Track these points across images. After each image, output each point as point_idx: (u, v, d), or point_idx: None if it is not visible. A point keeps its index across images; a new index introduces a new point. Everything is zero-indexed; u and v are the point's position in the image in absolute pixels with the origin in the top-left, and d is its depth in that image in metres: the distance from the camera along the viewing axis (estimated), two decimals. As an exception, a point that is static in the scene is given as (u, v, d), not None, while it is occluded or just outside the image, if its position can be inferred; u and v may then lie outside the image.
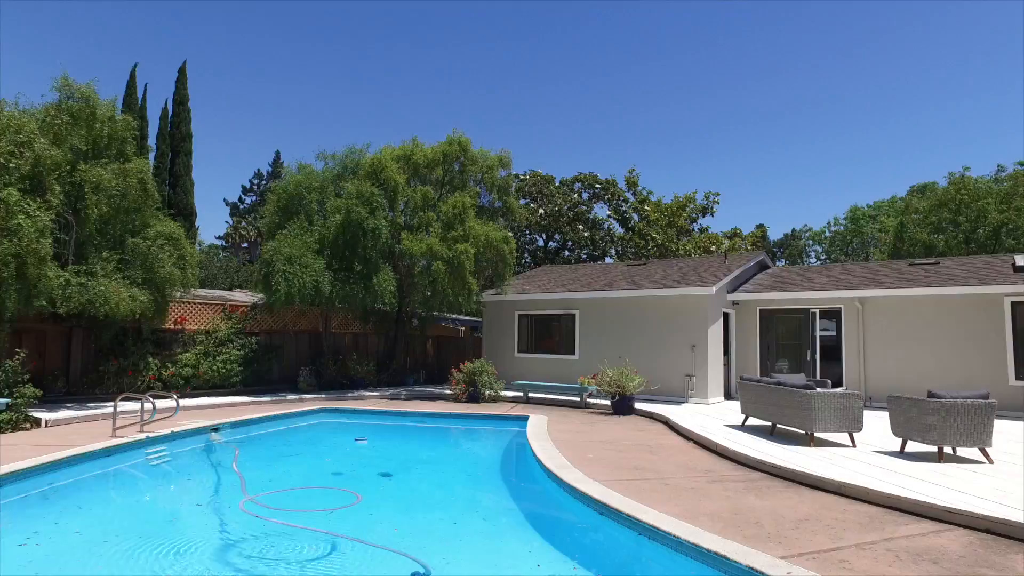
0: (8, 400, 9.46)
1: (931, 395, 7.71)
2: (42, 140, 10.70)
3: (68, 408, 11.45)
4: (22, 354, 10.21)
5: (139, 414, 9.68)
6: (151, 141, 29.02)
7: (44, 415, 10.30)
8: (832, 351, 15.36)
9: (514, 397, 15.19)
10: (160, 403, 10.26)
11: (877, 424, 10.45)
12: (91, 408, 11.62)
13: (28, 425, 9.94)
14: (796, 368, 15.53)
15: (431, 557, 4.74)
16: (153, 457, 8.71)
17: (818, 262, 52.21)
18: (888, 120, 65.01)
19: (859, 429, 8.64)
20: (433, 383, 18.74)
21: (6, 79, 44.13)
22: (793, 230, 57.45)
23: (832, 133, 67.94)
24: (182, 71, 33.32)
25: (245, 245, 42.60)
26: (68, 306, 10.80)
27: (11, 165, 10.16)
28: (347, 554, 4.95)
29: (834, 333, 15.42)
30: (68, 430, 9.73)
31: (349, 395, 15.10)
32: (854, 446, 8.58)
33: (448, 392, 15.47)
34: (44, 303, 10.50)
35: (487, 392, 14.54)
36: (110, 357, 13.16)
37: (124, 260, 12.12)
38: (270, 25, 52.63)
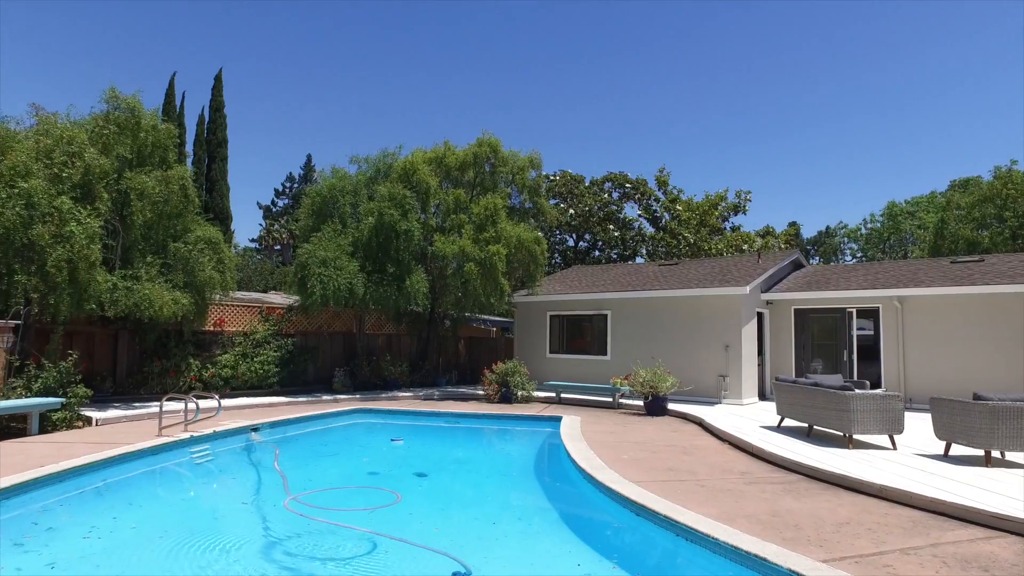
0: (63, 399, 9.86)
1: (977, 397, 7.53)
2: (92, 150, 11.12)
3: (116, 407, 11.85)
4: (75, 356, 10.63)
5: (183, 414, 10.00)
6: (188, 147, 29.91)
7: (94, 414, 10.70)
8: (870, 351, 15.05)
9: (546, 398, 15.24)
10: (202, 403, 10.58)
11: (919, 426, 10.23)
12: (137, 408, 12.01)
13: (80, 423, 10.35)
14: (832, 368, 15.26)
15: (471, 556, 4.83)
16: (197, 456, 8.98)
17: (854, 260, 51.07)
18: (926, 112, 63.21)
19: (900, 431, 8.47)
20: (465, 384, 18.89)
21: (52, 86, 45.77)
22: (828, 227, 56.37)
23: (867, 127, 66.42)
24: (218, 78, 34.20)
25: (278, 247, 43.37)
26: (115, 309, 11.19)
27: (64, 175, 10.59)
28: (389, 552, 5.06)
29: (872, 332, 15.11)
30: (117, 429, 10.09)
31: (383, 396, 15.33)
32: (895, 449, 8.43)
33: (480, 392, 15.59)
34: (93, 306, 10.89)
35: (519, 393, 14.62)
36: (154, 358, 13.58)
37: (167, 264, 12.50)
38: (301, 29, 53.57)
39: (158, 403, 12.35)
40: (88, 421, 10.46)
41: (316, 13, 51.28)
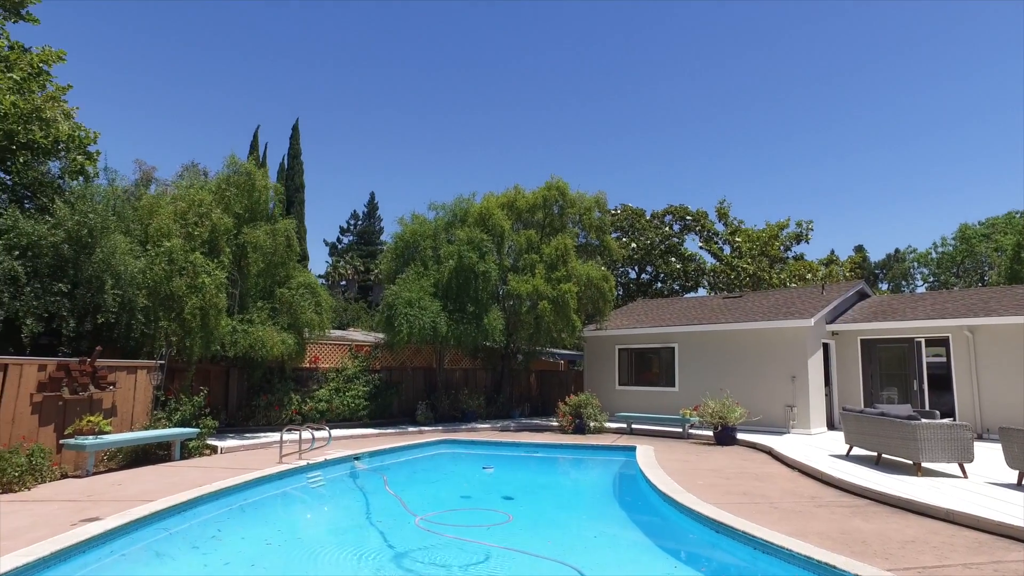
0: (197, 430, 11.32)
1: (1046, 427, 7.84)
2: (217, 210, 12.83)
3: (231, 438, 13.30)
4: (205, 391, 12.15)
5: (296, 443, 11.28)
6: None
7: (217, 443, 12.14)
8: (942, 380, 15.07)
9: (617, 428, 15.93)
10: (314, 434, 11.86)
11: (993, 456, 10.42)
12: (248, 437, 13.43)
13: (208, 451, 11.77)
14: (903, 398, 15.35)
15: (579, 565, 5.71)
16: (314, 481, 10.18)
17: (924, 285, 49.44)
18: (1000, 129, 60.99)
19: (970, 460, 8.72)
20: (537, 415, 19.77)
21: (148, 140, 50.23)
22: (896, 251, 54.85)
23: (936, 145, 64.53)
24: (295, 128, 37.05)
25: (343, 283, 45.53)
26: (235, 350, 12.73)
27: (196, 233, 12.28)
28: (511, 560, 6.00)
29: (944, 360, 15.14)
30: (239, 456, 11.45)
31: (462, 427, 16.37)
32: (965, 477, 8.71)
33: (554, 424, 16.43)
34: (218, 348, 12.45)
35: (592, 424, 15.38)
36: (260, 393, 15.08)
37: (274, 308, 14.04)
38: (365, 73, 56.94)
39: (265, 434, 13.88)
40: (214, 449, 11.87)
41: (379, 60, 54.54)
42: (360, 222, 52.39)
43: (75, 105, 12.70)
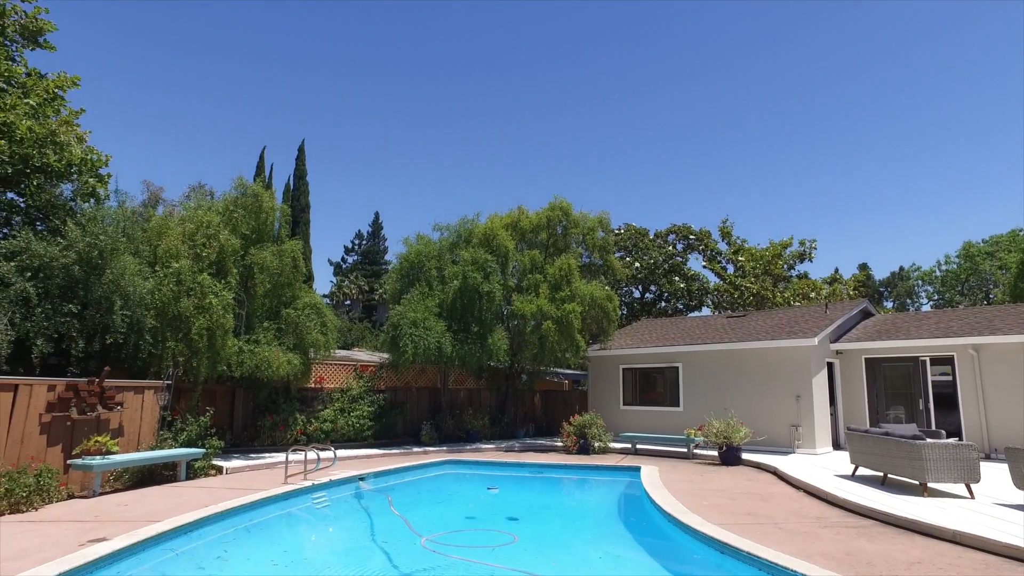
0: (203, 450, 11.37)
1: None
2: (225, 232, 13.01)
3: (236, 458, 13.32)
4: (211, 411, 12.22)
5: (301, 464, 11.31)
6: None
7: (223, 463, 12.15)
8: (948, 399, 15.00)
9: (622, 448, 15.90)
10: (318, 454, 11.89)
11: (1000, 477, 10.38)
12: (253, 458, 13.43)
13: (213, 472, 11.79)
14: (910, 417, 15.29)
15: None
16: (319, 502, 10.19)
17: (929, 303, 49.36)
18: (1003, 145, 61.19)
19: (976, 480, 8.69)
20: (541, 435, 19.73)
21: (156, 157, 50.85)
22: (900, 268, 54.86)
23: (939, 162, 64.78)
24: (301, 149, 37.45)
25: (348, 303, 45.64)
26: (241, 370, 12.82)
27: (204, 254, 12.45)
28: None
29: (950, 379, 15.09)
30: (245, 477, 11.47)
31: (467, 448, 16.36)
32: (972, 498, 8.67)
33: (559, 444, 16.41)
34: (224, 368, 12.54)
35: (596, 444, 15.36)
36: (265, 413, 15.11)
37: (280, 328, 14.15)
38: (370, 93, 57.67)
39: (271, 454, 13.88)
40: (219, 470, 11.89)
41: (385, 79, 55.28)
42: (365, 242, 52.65)
43: (87, 128, 12.98)
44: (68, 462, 9.48)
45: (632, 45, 51.44)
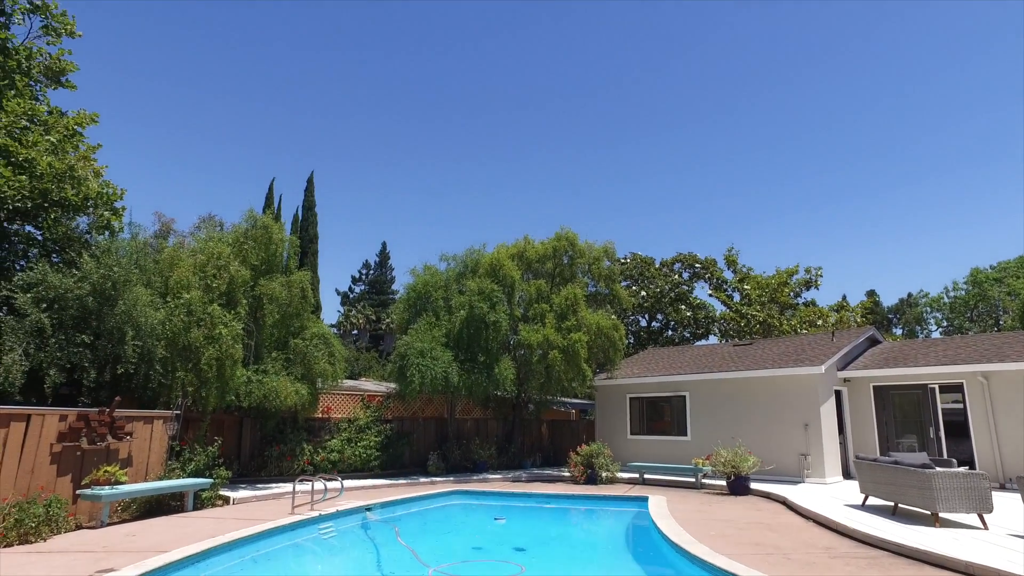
0: (211, 480, 11.38)
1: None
2: (235, 263, 13.21)
3: (243, 488, 13.32)
4: (219, 441, 12.26)
5: (308, 494, 11.30)
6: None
7: (230, 493, 12.16)
8: (959, 428, 14.85)
9: (630, 478, 15.76)
10: (325, 484, 11.87)
11: (1014, 507, 10.25)
12: (260, 488, 13.43)
13: (220, 502, 11.78)
14: (921, 446, 15.13)
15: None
16: (326, 532, 10.17)
17: (939, 329, 49.00)
18: (1010, 171, 61.33)
19: (989, 511, 8.57)
20: (548, 466, 19.59)
21: (165, 189, 51.67)
22: (909, 295, 54.62)
23: (947, 189, 64.94)
24: (310, 181, 37.97)
25: (355, 332, 45.74)
26: (250, 400, 12.89)
27: (214, 285, 12.64)
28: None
29: (961, 407, 14.96)
30: (252, 507, 11.46)
31: (474, 478, 16.27)
32: (985, 528, 8.56)
33: (566, 474, 16.29)
34: (233, 398, 12.62)
35: (604, 474, 15.24)
36: (273, 443, 15.14)
37: (288, 359, 14.25)
38: (379, 124, 58.65)
39: (278, 484, 13.87)
40: (227, 500, 11.89)
41: (395, 112, 56.28)
42: (372, 271, 52.96)
43: (103, 163, 13.32)
44: (77, 492, 9.53)
45: (641, 80, 52.36)
